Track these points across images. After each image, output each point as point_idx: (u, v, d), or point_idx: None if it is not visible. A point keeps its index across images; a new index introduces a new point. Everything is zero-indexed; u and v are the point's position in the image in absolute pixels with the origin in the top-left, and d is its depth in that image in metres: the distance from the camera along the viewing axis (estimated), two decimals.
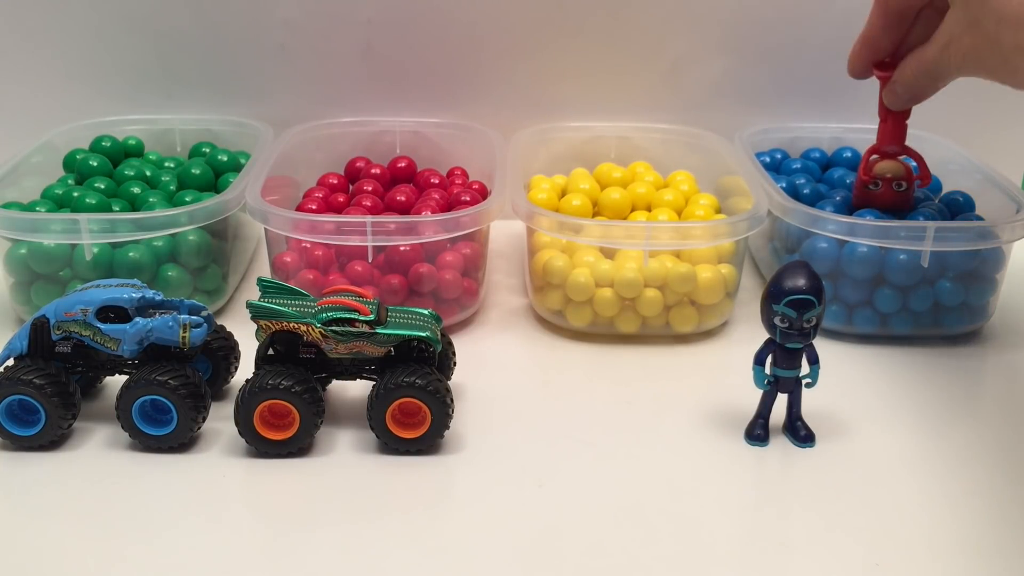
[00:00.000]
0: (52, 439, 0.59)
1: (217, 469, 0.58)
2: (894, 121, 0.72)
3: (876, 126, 0.74)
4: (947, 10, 0.61)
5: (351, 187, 0.85)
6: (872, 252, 0.71)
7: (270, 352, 0.60)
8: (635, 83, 0.92)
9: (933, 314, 0.73)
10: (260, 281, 0.61)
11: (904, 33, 0.68)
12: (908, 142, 0.74)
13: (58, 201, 0.77)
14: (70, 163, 0.84)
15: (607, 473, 0.58)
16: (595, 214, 0.81)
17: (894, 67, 0.69)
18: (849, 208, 0.78)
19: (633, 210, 0.80)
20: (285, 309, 0.59)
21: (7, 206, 0.74)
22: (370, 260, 0.71)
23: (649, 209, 0.80)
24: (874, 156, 0.74)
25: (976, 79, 0.60)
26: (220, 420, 0.61)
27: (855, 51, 0.71)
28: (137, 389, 0.58)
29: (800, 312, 0.57)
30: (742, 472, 0.59)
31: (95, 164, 0.81)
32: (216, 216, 0.71)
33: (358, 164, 0.87)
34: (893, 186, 0.73)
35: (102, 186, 0.78)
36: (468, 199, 0.78)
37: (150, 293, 0.60)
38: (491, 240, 0.78)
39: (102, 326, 0.59)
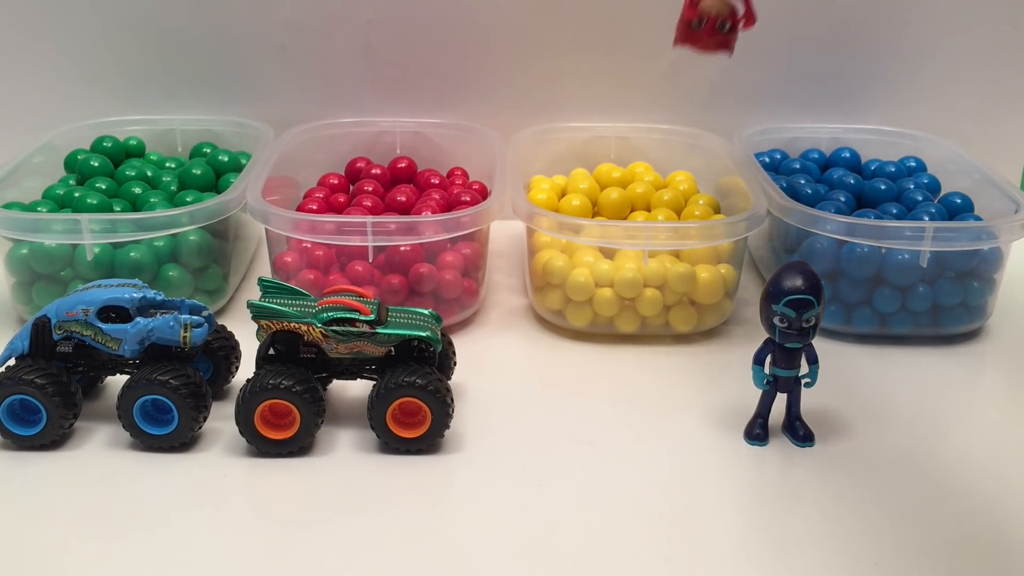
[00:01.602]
0: (53, 439, 0.59)
1: (218, 468, 0.58)
2: None
3: (874, 127, 0.74)
4: None
5: (351, 187, 0.85)
6: (871, 252, 0.71)
7: (271, 352, 0.60)
8: (635, 83, 0.92)
9: (932, 314, 0.73)
10: (261, 281, 0.62)
11: None
12: (909, 141, 0.73)
13: (59, 201, 0.77)
14: (71, 163, 0.84)
15: (607, 473, 0.58)
16: (595, 214, 0.81)
17: None
18: (849, 208, 0.78)
19: (632, 210, 0.80)
20: (286, 309, 0.59)
21: (8, 206, 0.74)
22: (370, 260, 0.71)
23: (648, 209, 0.80)
24: None
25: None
26: (221, 420, 0.61)
27: None
28: (138, 389, 0.58)
29: (799, 312, 0.57)
30: (741, 472, 0.59)
31: (96, 164, 0.81)
32: (217, 216, 0.72)
33: (358, 164, 0.87)
34: (717, 25, 0.67)
35: (103, 186, 0.78)
36: (468, 199, 0.78)
37: (151, 293, 0.60)
38: (491, 240, 0.78)
39: (103, 326, 0.59)
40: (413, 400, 0.58)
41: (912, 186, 0.81)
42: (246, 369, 0.63)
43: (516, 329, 0.75)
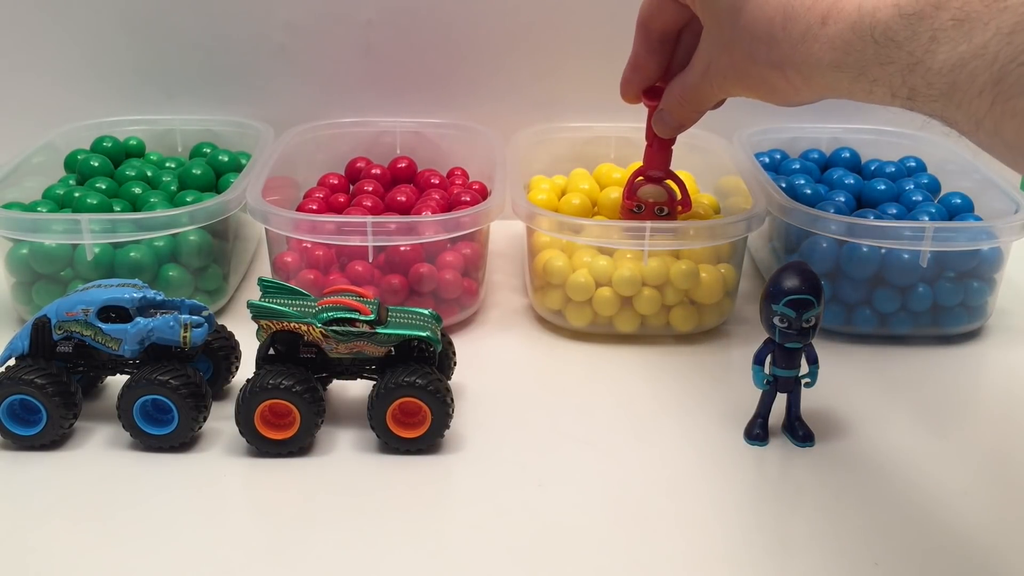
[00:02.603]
0: (53, 439, 0.59)
1: (218, 468, 0.58)
2: (659, 146, 0.71)
3: (874, 127, 0.74)
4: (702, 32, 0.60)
5: (351, 187, 0.85)
6: (871, 252, 0.71)
7: (271, 352, 0.60)
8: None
9: (932, 314, 0.73)
10: (261, 281, 0.62)
11: (668, 57, 0.67)
12: (909, 142, 0.73)
13: (59, 201, 0.77)
14: (71, 163, 0.84)
15: (607, 473, 0.58)
16: (594, 214, 0.81)
17: (662, 93, 0.67)
18: (849, 208, 0.78)
19: None
20: (286, 309, 0.59)
21: (9, 206, 0.74)
22: (370, 260, 0.71)
23: None
24: (639, 179, 0.73)
25: None
26: (221, 420, 0.61)
27: (625, 78, 0.69)
28: (138, 389, 0.58)
29: (799, 312, 0.57)
30: (741, 472, 0.59)
31: (96, 164, 0.81)
32: (217, 216, 0.72)
33: (358, 164, 0.87)
34: (655, 211, 0.72)
35: (103, 186, 0.78)
36: (468, 199, 0.78)
37: (151, 293, 0.60)
38: (491, 240, 0.78)
39: (103, 326, 0.59)
40: (413, 400, 0.58)
41: (912, 186, 0.81)
42: (246, 369, 0.63)
43: (516, 329, 0.75)
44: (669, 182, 0.72)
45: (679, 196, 0.73)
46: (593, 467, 0.59)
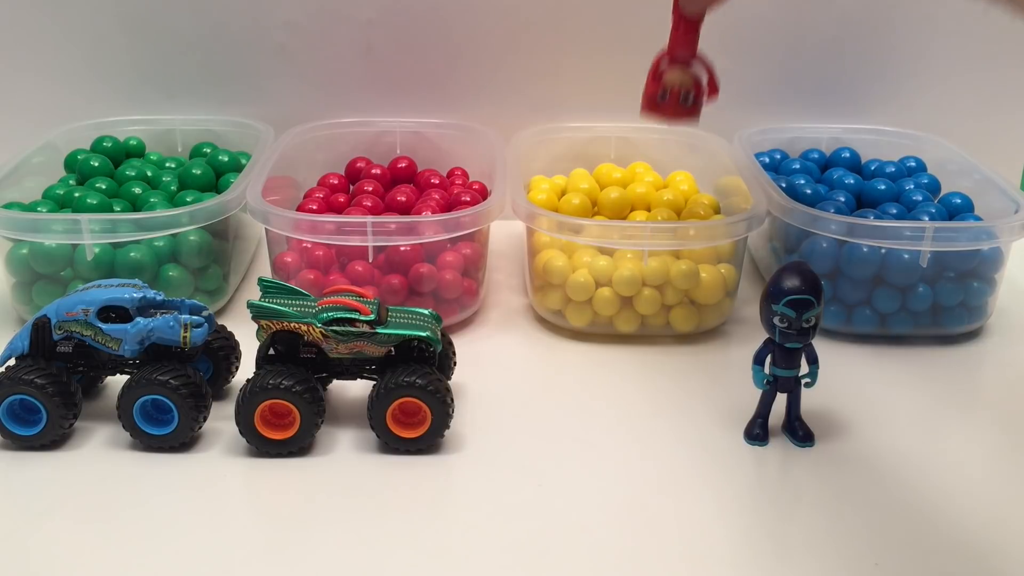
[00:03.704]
0: (53, 439, 0.59)
1: (218, 468, 0.58)
2: (686, 27, 0.66)
3: (874, 127, 0.74)
4: None
5: (352, 187, 0.85)
6: (871, 252, 0.71)
7: (271, 352, 0.60)
8: (635, 83, 0.92)
9: (932, 314, 0.73)
10: (261, 281, 0.62)
11: None
12: (909, 141, 0.73)
13: (59, 201, 0.77)
14: (71, 163, 0.84)
15: (607, 473, 0.58)
16: (594, 214, 0.81)
17: None
18: (849, 208, 0.78)
19: (632, 210, 0.80)
20: (286, 309, 0.59)
21: (8, 206, 0.74)
22: (370, 260, 0.71)
23: (648, 209, 0.80)
24: (665, 61, 0.68)
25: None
26: (221, 420, 0.61)
27: None
28: (138, 389, 0.58)
29: (799, 312, 0.57)
30: (741, 472, 0.59)
31: (96, 164, 0.82)
32: (217, 216, 0.72)
33: (359, 164, 0.87)
34: (681, 99, 0.68)
35: (103, 186, 0.78)
36: (468, 199, 0.78)
37: (151, 293, 0.60)
38: (491, 240, 0.78)
39: (103, 326, 0.59)
40: (413, 400, 0.58)
41: (912, 186, 0.81)
42: (246, 369, 0.63)
43: (516, 329, 0.75)
44: (697, 66, 0.67)
45: (707, 80, 0.68)
46: (593, 467, 0.59)
